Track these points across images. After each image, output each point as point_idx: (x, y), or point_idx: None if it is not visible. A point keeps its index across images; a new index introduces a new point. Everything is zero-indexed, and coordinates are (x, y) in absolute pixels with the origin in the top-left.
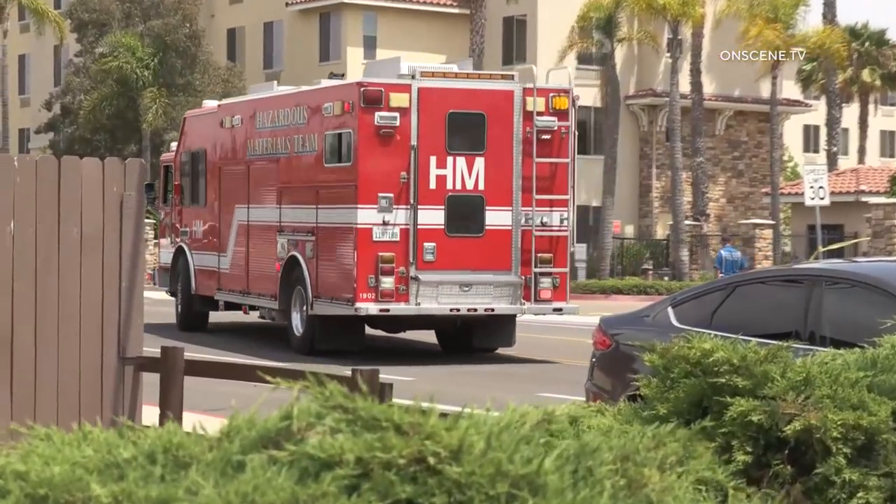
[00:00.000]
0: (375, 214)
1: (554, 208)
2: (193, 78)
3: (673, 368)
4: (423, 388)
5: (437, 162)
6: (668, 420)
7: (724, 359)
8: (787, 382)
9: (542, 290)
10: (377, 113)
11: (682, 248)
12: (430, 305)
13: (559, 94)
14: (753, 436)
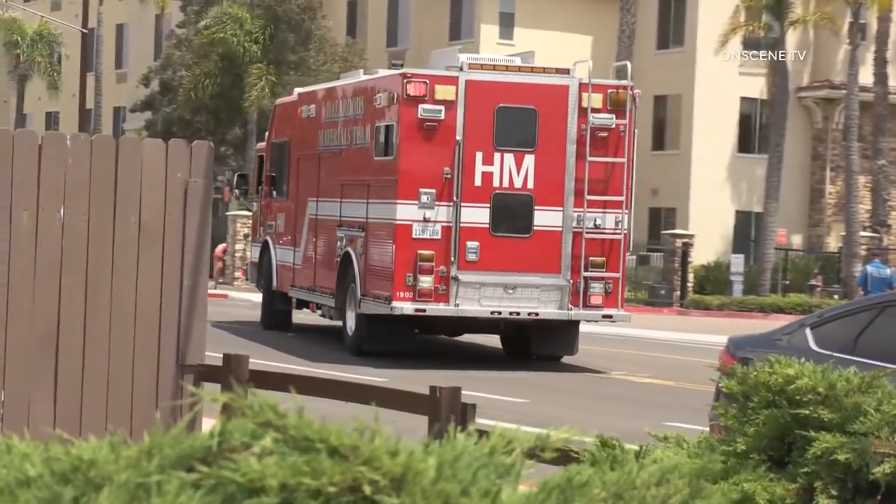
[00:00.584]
0: (416, 211)
1: (608, 210)
2: (307, 55)
3: (753, 396)
4: (537, 412)
5: (484, 158)
6: (748, 455)
7: (808, 387)
8: (882, 417)
9: (592, 295)
10: (421, 105)
11: (855, 262)
12: (471, 307)
13: (618, 90)
14: (840, 477)
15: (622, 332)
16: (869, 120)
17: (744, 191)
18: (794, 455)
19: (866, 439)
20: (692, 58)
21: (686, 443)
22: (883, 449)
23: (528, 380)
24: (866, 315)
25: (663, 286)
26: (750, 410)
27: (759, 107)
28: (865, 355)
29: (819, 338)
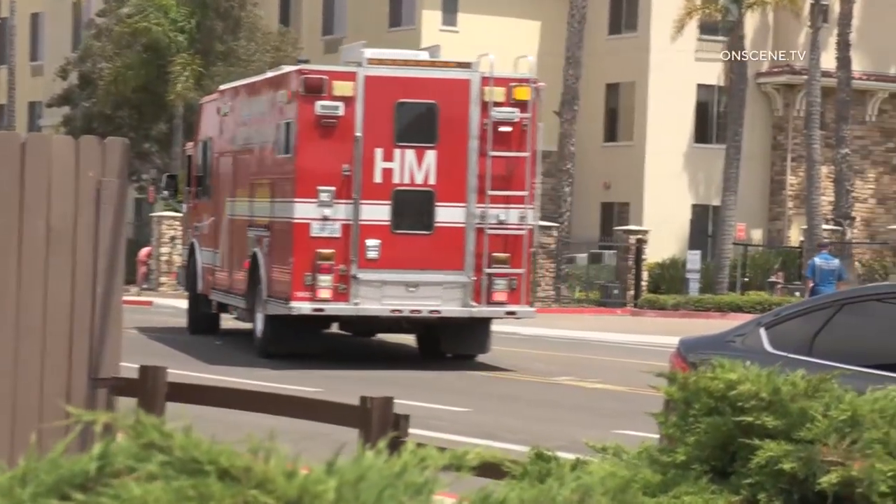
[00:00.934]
0: (315, 209)
1: (511, 205)
2: (237, 44)
3: (694, 403)
4: (480, 421)
5: (384, 154)
6: (689, 466)
7: (751, 392)
8: (830, 423)
9: (495, 292)
10: (318, 102)
11: None
12: (372, 306)
13: (520, 83)
14: (785, 488)
15: (571, 334)
16: (832, 107)
17: (701, 183)
18: (738, 465)
19: (813, 447)
20: (646, 43)
21: (626, 453)
22: (830, 457)
23: (469, 387)
24: (823, 313)
25: (616, 285)
26: (691, 418)
27: (716, 94)
28: (822, 356)
29: (774, 338)
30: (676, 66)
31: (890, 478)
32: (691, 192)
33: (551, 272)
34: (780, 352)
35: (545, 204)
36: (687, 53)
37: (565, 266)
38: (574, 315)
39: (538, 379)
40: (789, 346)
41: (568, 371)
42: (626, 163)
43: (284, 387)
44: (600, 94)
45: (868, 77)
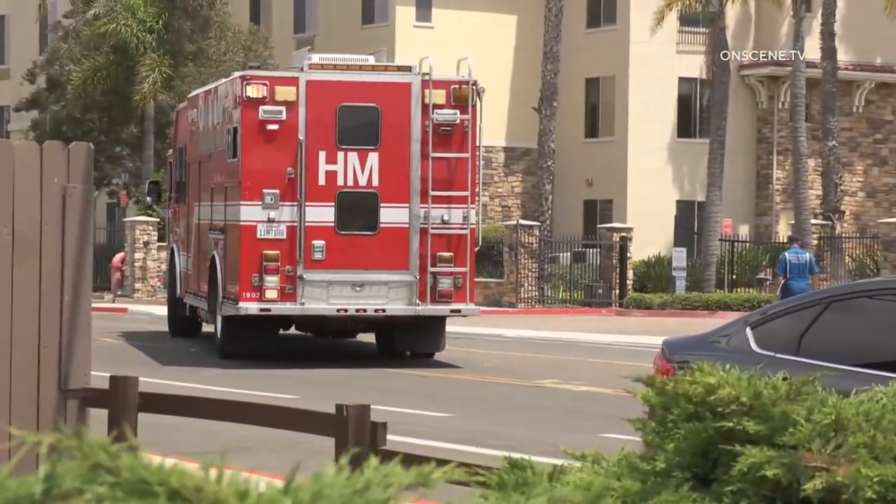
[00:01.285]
0: (260, 211)
1: (454, 205)
2: (207, 44)
3: (673, 408)
4: (463, 427)
5: (327, 157)
6: (670, 474)
7: (732, 397)
8: (814, 427)
9: (440, 290)
10: (261, 107)
11: None
12: (317, 305)
13: (461, 85)
14: (768, 495)
15: (556, 336)
16: (817, 98)
17: (685, 179)
18: (720, 472)
19: (796, 452)
20: (625, 36)
21: (605, 460)
22: (814, 462)
23: (451, 392)
24: (811, 311)
25: (601, 285)
26: (670, 424)
27: (698, 87)
28: (810, 355)
29: (760, 337)
30: (657, 59)
31: (876, 483)
32: (675, 188)
33: (534, 272)
34: (766, 351)
35: (526, 202)
36: (668, 46)
37: (548, 266)
38: (558, 316)
39: (522, 382)
40: (776, 346)
41: (553, 373)
42: (607, 159)
43: (261, 394)
44: (580, 89)
45: (854, 67)
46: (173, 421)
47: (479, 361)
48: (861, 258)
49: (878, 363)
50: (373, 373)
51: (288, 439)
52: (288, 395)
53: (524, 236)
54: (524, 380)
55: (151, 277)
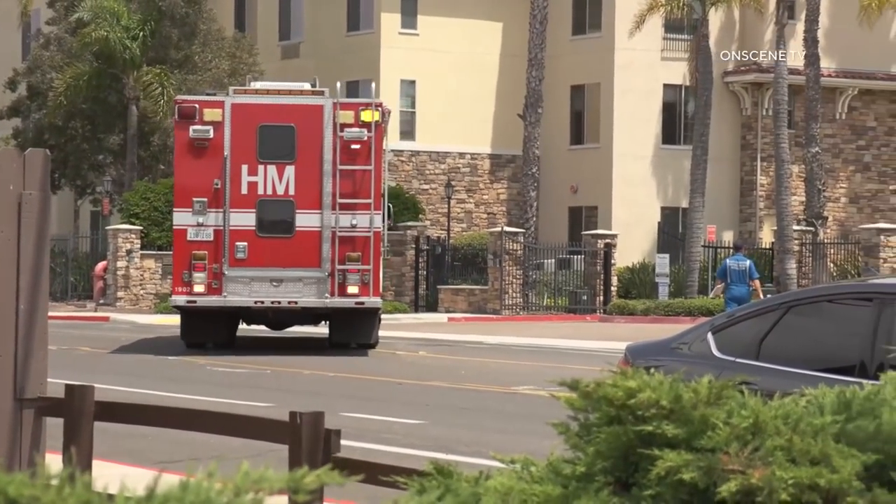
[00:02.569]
0: (190, 217)
1: (360, 211)
2: (192, 51)
3: (595, 412)
4: (435, 434)
5: (249, 170)
6: (591, 478)
7: (652, 400)
8: (731, 430)
9: (348, 285)
10: (192, 126)
11: (788, 259)
12: (238, 298)
13: (366, 107)
14: (686, 499)
15: (538, 342)
16: (801, 105)
17: (670, 185)
18: (639, 476)
19: (713, 456)
20: (610, 43)
21: (535, 465)
22: (731, 465)
23: (425, 398)
24: (771, 316)
25: (585, 291)
26: (593, 428)
27: (683, 94)
28: (770, 359)
29: (722, 342)
30: (642, 66)
31: (791, 485)
32: (660, 195)
33: (518, 279)
34: (727, 356)
35: (511, 209)
36: (652, 53)
37: (533, 272)
38: (542, 322)
39: (497, 389)
40: (736, 351)
41: (530, 380)
42: (592, 166)
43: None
44: (565, 95)
45: (837, 74)
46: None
47: (457, 368)
48: (843, 264)
49: (836, 367)
50: (349, 380)
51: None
52: (262, 402)
53: (509, 243)
54: (500, 386)
55: (134, 286)
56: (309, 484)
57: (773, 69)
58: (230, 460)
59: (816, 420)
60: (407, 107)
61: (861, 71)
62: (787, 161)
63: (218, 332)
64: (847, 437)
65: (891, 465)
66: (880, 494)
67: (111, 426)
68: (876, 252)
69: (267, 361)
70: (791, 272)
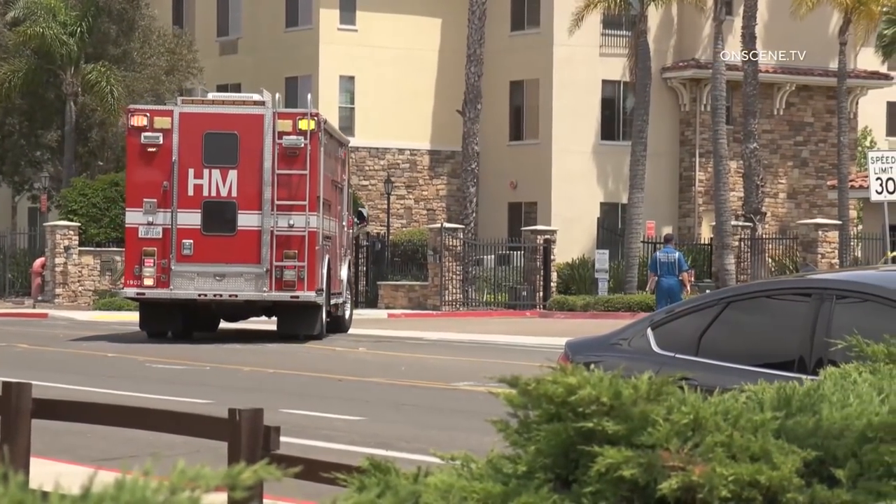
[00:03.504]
0: (141, 216)
1: (297, 213)
2: (131, 47)
3: (534, 409)
4: (376, 431)
5: (195, 173)
6: (532, 475)
7: (592, 397)
8: (672, 426)
9: (285, 280)
10: (143, 133)
11: (727, 254)
12: (184, 291)
13: (303, 116)
14: (626, 496)
15: (478, 338)
16: (739, 101)
17: (609, 181)
18: (579, 473)
19: (654, 452)
20: (549, 39)
21: (475, 462)
22: (671, 462)
23: (365, 395)
24: (710, 311)
25: (524, 287)
26: (533, 425)
27: (621, 90)
28: (709, 355)
29: (661, 338)
30: (580, 61)
31: (731, 482)
32: (600, 190)
33: (458, 275)
34: (666, 352)
35: (450, 205)
36: (591, 49)
37: (473, 268)
38: (482, 318)
39: (438, 385)
40: (676, 346)
41: (470, 376)
42: (532, 162)
43: (169, 398)
44: (504, 91)
45: (774, 70)
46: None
47: (397, 365)
48: (781, 259)
49: (775, 363)
50: (289, 377)
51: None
52: (201, 399)
53: (448, 239)
54: (440, 382)
55: (73, 282)
56: (246, 480)
57: (710, 65)
58: (168, 457)
59: (756, 416)
60: (346, 103)
61: (799, 67)
62: (726, 157)
63: (173, 322)
64: (787, 433)
65: (830, 461)
66: (820, 491)
67: (49, 423)
68: (814, 247)
69: (207, 357)
70: (730, 267)
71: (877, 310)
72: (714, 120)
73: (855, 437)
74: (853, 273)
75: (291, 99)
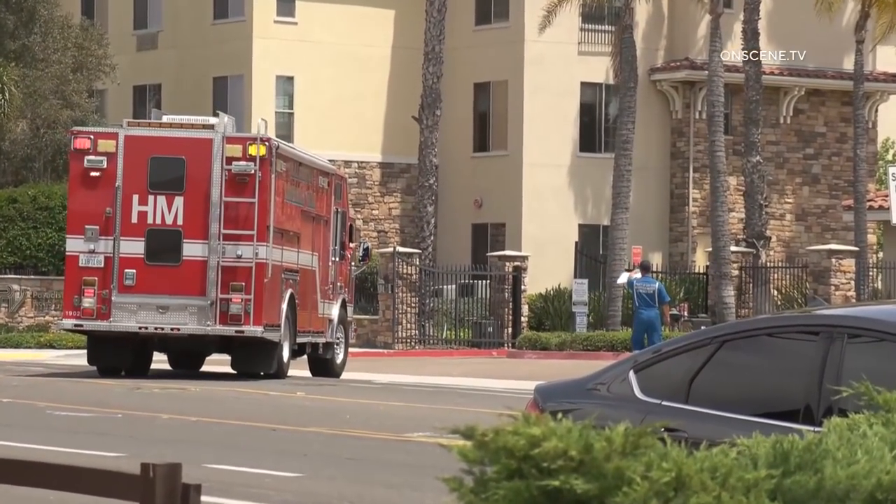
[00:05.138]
0: (83, 244)
1: (245, 242)
2: (31, 41)
3: (493, 464)
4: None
5: (140, 199)
6: None
7: (559, 450)
8: (651, 485)
9: (231, 313)
10: (86, 157)
11: (725, 285)
12: (124, 324)
13: (254, 141)
14: None
15: (436, 381)
16: (740, 107)
17: (589, 200)
18: None
19: None
20: (519, 35)
21: None
22: None
23: (304, 447)
24: (703, 351)
25: (491, 322)
26: (491, 483)
27: (604, 94)
28: (701, 403)
29: (646, 382)
30: (556, 61)
31: None
32: (578, 211)
33: (414, 308)
34: (652, 399)
35: (405, 227)
36: (568, 47)
37: (431, 300)
38: (441, 358)
39: (387, 436)
40: (663, 392)
41: (424, 426)
42: (500, 176)
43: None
44: (467, 95)
45: (780, 71)
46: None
47: (340, 412)
48: (789, 291)
49: (776, 412)
50: (214, 425)
51: None
52: (111, 452)
53: (402, 266)
54: (390, 433)
55: None
56: None
57: (706, 66)
58: None
59: (749, 474)
60: (284, 107)
61: (808, 68)
62: (724, 172)
63: (121, 357)
64: (784, 494)
65: None
66: None
67: None
68: (826, 278)
69: (119, 403)
70: (729, 300)
71: (892, 349)
72: (711, 129)
73: (862, 499)
74: (868, 308)
75: (220, 103)
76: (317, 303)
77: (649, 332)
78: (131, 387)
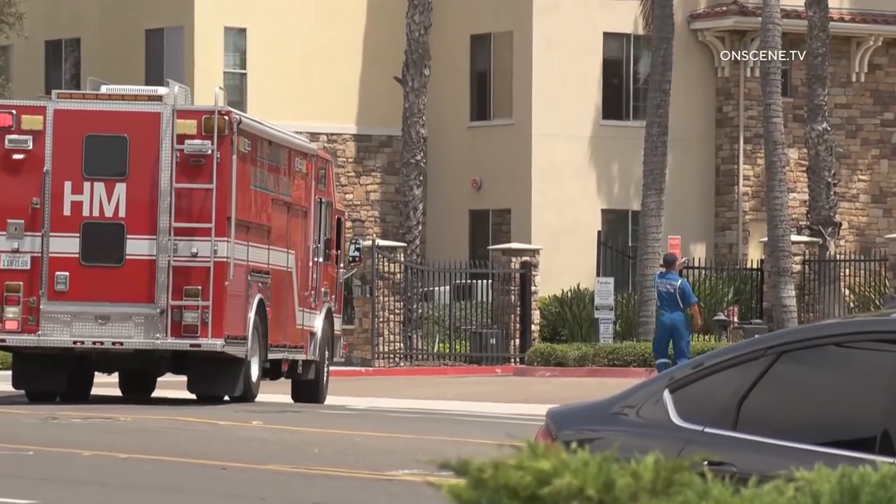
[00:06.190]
0: (4, 242)
1: (201, 238)
2: None
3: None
4: None
5: (73, 187)
6: None
7: (574, 489)
8: None
9: (185, 324)
10: (7, 136)
11: (785, 283)
12: (57, 337)
13: (213, 115)
14: None
15: (426, 406)
16: (802, 63)
17: (615, 179)
18: None
19: None
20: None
21: None
22: None
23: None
24: (756, 366)
25: (494, 332)
26: None
27: (632, 48)
28: (753, 430)
29: (684, 404)
30: (573, 7)
31: None
32: (601, 193)
33: (398, 315)
34: (691, 424)
35: (386, 214)
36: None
37: (419, 305)
38: (432, 377)
39: (365, 474)
40: (705, 416)
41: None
42: (503, 151)
43: None
44: (463, 50)
45: (853, 17)
46: None
47: (306, 445)
48: (863, 290)
49: (846, 440)
50: (149, 463)
51: None
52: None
53: (384, 263)
54: (368, 471)
55: None
56: None
57: (760, 10)
58: None
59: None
60: (234, 66)
61: (886, 13)
62: (783, 143)
63: (57, 379)
64: None
65: None
66: None
67: None
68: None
69: (32, 437)
70: (789, 302)
71: None
72: (766, 90)
73: None
74: None
75: (154, 62)
76: (294, 311)
77: (674, 339)
78: (46, 416)
